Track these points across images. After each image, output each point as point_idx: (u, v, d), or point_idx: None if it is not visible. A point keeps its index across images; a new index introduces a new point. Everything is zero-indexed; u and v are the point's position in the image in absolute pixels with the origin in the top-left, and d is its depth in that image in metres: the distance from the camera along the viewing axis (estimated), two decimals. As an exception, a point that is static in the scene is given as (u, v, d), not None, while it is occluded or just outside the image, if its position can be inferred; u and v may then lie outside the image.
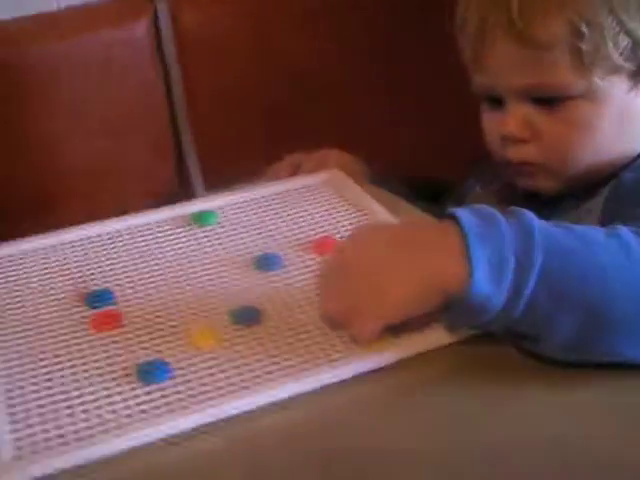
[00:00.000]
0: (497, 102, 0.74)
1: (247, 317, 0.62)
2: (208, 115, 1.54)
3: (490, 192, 0.84)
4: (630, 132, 0.72)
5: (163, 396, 0.55)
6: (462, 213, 0.53)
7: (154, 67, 1.48)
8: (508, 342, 0.56)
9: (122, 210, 1.62)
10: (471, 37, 0.72)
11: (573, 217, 0.72)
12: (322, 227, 0.74)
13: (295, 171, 0.85)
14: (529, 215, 0.53)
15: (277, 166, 0.88)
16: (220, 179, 1.55)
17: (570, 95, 0.69)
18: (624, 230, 0.54)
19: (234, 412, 0.53)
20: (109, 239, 0.74)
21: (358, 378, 0.56)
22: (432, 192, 0.94)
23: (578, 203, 0.73)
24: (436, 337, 0.58)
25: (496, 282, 0.50)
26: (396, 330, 0.58)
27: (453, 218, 0.53)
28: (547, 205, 0.74)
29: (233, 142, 1.56)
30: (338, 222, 0.75)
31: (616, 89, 0.69)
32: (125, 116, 1.50)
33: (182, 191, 1.58)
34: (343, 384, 0.56)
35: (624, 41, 0.67)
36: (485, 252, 0.50)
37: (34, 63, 1.41)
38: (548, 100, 0.70)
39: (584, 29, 0.66)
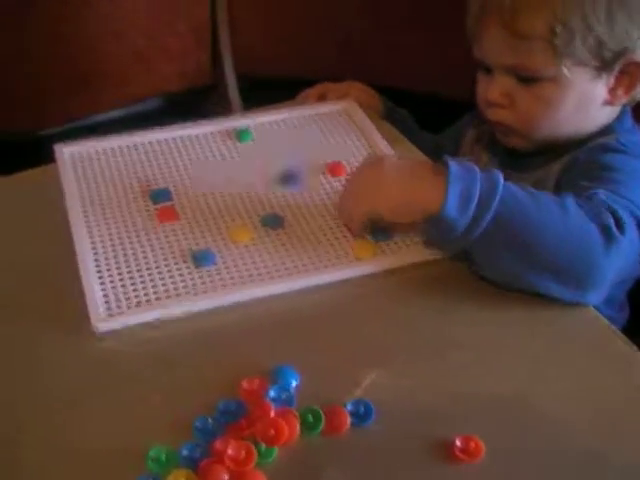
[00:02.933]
0: (488, 70, 0.90)
1: (273, 222, 0.82)
2: (247, 12, 1.70)
3: (481, 135, 1.02)
4: (585, 114, 0.89)
5: (209, 277, 0.76)
6: (451, 162, 0.73)
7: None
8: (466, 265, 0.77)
9: (158, 90, 1.80)
10: (472, 17, 0.88)
11: (539, 174, 0.91)
12: (335, 152, 0.93)
13: (321, 99, 1.04)
14: (499, 173, 0.72)
15: (306, 92, 1.06)
16: (252, 72, 1.74)
17: (542, 77, 0.85)
18: (569, 198, 0.73)
19: (260, 295, 0.75)
20: (165, 145, 0.94)
21: (348, 280, 0.77)
22: (435, 123, 1.12)
23: (542, 164, 0.91)
24: (415, 254, 0.79)
25: (462, 211, 0.70)
26: (385, 243, 0.79)
27: (445, 163, 0.73)
28: (519, 159, 0.93)
29: (268, 42, 1.72)
30: (348, 150, 0.94)
31: (580, 78, 0.84)
32: (173, 4, 1.66)
33: (215, 78, 1.76)
34: (341, 283, 0.77)
35: (591, 41, 0.82)
36: (458, 188, 0.71)
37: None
38: (526, 78, 0.87)
39: (558, 28, 0.82)
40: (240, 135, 0.95)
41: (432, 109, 1.31)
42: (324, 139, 0.96)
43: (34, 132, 1.58)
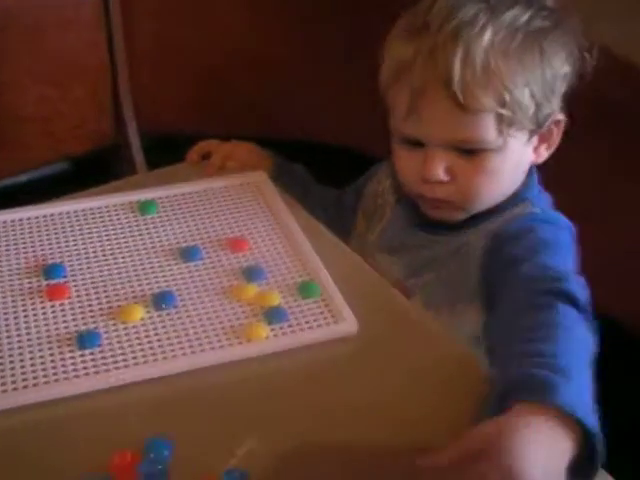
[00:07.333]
0: (416, 144, 0.86)
1: (166, 300, 0.81)
2: (147, 71, 1.71)
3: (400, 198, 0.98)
4: (516, 178, 0.88)
5: (92, 359, 0.74)
6: (589, 421, 0.61)
7: (100, 27, 1.64)
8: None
9: (61, 155, 1.78)
10: (413, 91, 0.82)
11: (455, 243, 0.89)
12: (238, 227, 0.93)
13: (202, 159, 1.05)
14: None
15: (191, 151, 1.07)
16: (155, 131, 1.73)
17: (486, 148, 0.83)
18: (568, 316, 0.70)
19: (142, 378, 0.73)
20: (67, 218, 0.93)
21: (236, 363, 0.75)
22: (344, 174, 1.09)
23: (458, 232, 0.89)
24: (308, 336, 0.78)
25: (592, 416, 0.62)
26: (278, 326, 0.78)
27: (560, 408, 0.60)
28: (441, 223, 0.91)
29: (168, 101, 1.72)
30: (253, 224, 0.93)
31: (517, 144, 0.84)
32: (70, 69, 1.65)
33: (119, 141, 1.75)
34: (230, 365, 0.75)
35: (533, 107, 0.82)
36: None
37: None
38: (468, 150, 0.84)
39: (507, 100, 0.80)
40: (144, 208, 0.94)
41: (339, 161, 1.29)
42: (228, 212, 0.95)
43: None
